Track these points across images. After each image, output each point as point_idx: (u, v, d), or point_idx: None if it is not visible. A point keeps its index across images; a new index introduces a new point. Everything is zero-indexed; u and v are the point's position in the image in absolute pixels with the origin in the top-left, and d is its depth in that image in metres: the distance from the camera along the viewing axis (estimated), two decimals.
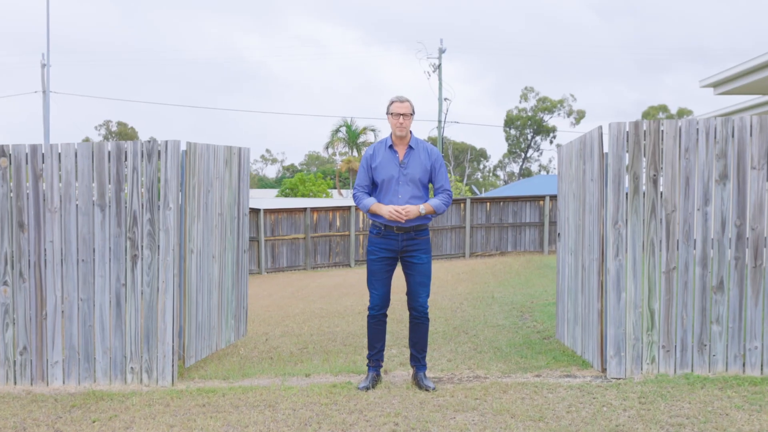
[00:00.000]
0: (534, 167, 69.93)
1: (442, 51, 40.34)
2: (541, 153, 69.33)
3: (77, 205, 5.99)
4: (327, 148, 55.87)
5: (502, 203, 23.06)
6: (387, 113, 5.64)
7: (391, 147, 5.63)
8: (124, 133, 72.22)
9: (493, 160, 73.11)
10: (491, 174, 73.76)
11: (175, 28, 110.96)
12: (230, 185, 7.11)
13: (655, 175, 5.72)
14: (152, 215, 5.94)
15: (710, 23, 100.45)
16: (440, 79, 39.92)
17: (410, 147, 5.62)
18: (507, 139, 68.46)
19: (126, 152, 5.97)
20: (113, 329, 5.97)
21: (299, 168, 73.72)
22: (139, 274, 5.95)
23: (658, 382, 5.46)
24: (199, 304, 6.42)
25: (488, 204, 23.09)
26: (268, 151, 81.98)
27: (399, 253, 5.60)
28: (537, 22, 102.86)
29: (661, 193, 5.74)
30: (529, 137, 68.01)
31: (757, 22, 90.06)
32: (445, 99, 40.06)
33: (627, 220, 5.74)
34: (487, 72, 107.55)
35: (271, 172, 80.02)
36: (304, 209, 22.39)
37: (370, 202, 5.58)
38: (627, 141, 5.74)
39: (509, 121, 66.85)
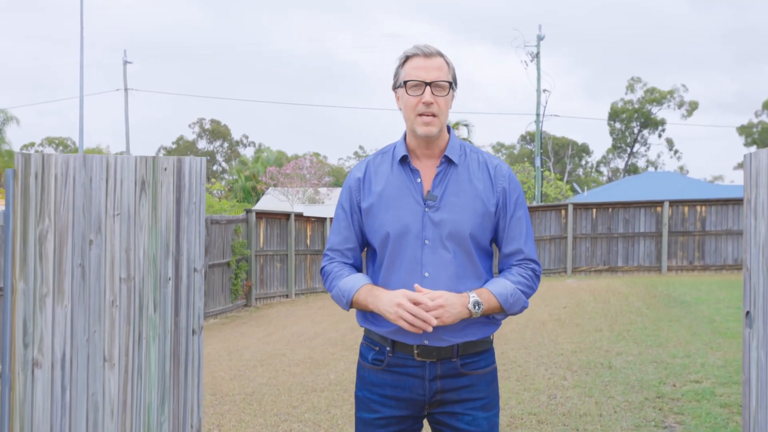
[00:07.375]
0: (641, 163, 64.85)
1: (540, 38, 36.62)
2: (648, 148, 64.24)
3: None
4: None
5: (610, 209, 19.41)
6: (396, 87, 2.50)
7: (404, 160, 2.47)
8: (217, 130, 71.28)
9: (596, 156, 68.34)
10: (593, 170, 68.97)
11: (266, 29, 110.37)
12: (155, 226, 4.07)
13: None
14: None
15: None
16: (538, 69, 36.18)
17: (447, 159, 2.46)
18: (611, 133, 63.61)
19: None
20: None
21: None
22: None
23: None
24: None
25: (594, 210, 19.48)
26: (361, 147, 79.48)
27: (426, 406, 2.45)
28: (624, 13, 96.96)
29: None
30: (636, 131, 62.91)
31: None
32: (544, 90, 36.35)
33: None
34: (579, 66, 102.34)
35: None
36: None
37: (354, 283, 2.48)
38: None
39: (614, 114, 61.95)
